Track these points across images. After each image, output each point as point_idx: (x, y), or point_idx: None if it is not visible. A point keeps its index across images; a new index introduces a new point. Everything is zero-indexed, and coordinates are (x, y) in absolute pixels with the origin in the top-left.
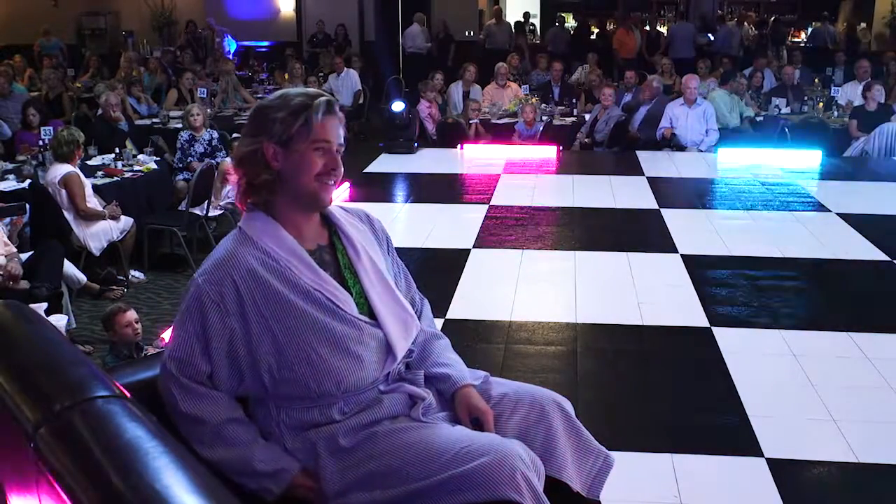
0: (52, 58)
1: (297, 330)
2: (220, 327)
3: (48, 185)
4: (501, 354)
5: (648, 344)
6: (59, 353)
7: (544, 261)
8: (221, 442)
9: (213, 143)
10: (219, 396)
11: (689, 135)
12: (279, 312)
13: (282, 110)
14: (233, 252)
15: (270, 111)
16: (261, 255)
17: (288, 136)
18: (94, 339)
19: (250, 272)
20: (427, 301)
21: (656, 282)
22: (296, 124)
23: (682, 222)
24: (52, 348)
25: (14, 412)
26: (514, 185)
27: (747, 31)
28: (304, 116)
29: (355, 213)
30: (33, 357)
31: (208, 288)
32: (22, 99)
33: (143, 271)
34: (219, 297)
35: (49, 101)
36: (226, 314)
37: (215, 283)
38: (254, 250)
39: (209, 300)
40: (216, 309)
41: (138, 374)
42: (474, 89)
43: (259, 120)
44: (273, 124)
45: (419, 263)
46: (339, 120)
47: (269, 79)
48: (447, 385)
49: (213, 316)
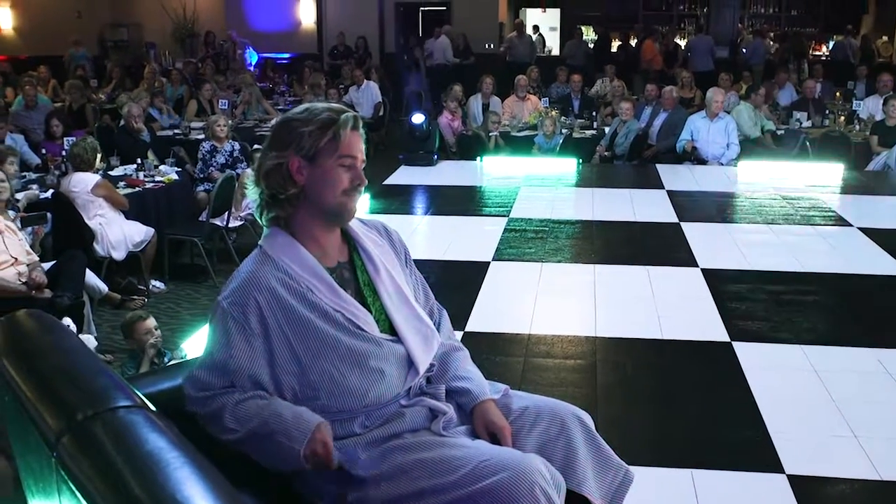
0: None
1: (319, 350)
2: (246, 347)
3: (69, 194)
4: (520, 367)
5: (668, 358)
6: (80, 363)
7: (563, 274)
8: (243, 419)
9: (234, 154)
10: (225, 391)
11: (710, 148)
12: (301, 333)
13: (309, 124)
14: (255, 273)
15: (297, 125)
16: (282, 276)
17: (315, 151)
18: (115, 348)
19: (272, 293)
20: (445, 312)
21: (676, 296)
22: (324, 139)
23: (703, 236)
24: (74, 358)
25: (36, 421)
26: (533, 197)
27: (768, 45)
28: (333, 131)
29: (373, 225)
30: (56, 366)
31: (232, 310)
32: (46, 110)
33: (164, 281)
34: (243, 318)
35: (72, 111)
36: (251, 335)
37: (239, 305)
38: (275, 271)
39: (234, 322)
40: (241, 330)
41: (160, 384)
42: (493, 101)
43: (285, 133)
44: (300, 138)
45: (438, 276)
46: (362, 135)
47: (289, 91)
48: (467, 399)
49: (236, 335)
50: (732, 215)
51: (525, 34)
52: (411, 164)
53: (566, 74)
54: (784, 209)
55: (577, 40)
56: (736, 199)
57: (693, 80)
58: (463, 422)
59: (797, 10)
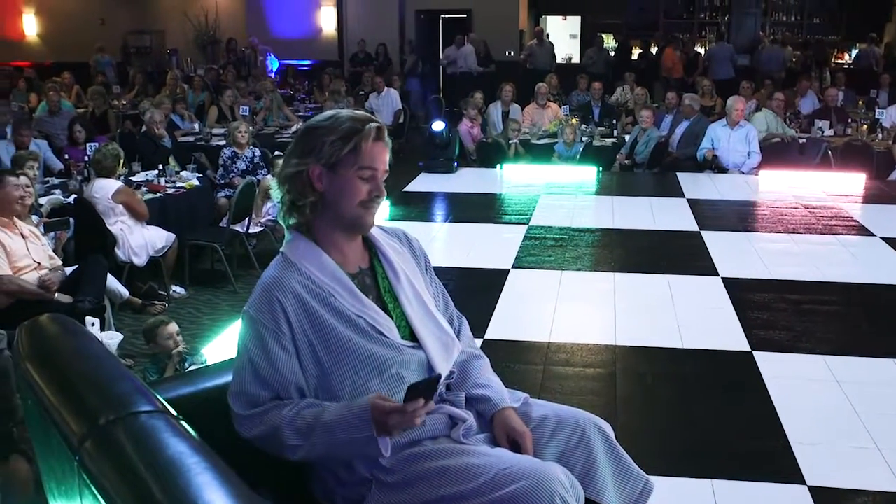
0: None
1: (341, 355)
2: (285, 357)
3: (92, 199)
4: (540, 375)
5: (688, 367)
6: (103, 368)
7: (583, 282)
8: (304, 432)
9: (255, 160)
10: (275, 405)
11: (731, 157)
12: (324, 338)
13: (332, 133)
14: (278, 278)
15: (320, 133)
16: (305, 281)
17: (335, 160)
18: (136, 352)
19: (296, 297)
20: (465, 319)
21: (696, 304)
22: (345, 149)
23: (723, 245)
24: (96, 362)
25: (59, 425)
26: (553, 205)
27: (790, 53)
28: (354, 142)
29: (394, 233)
30: (79, 371)
31: (261, 317)
32: (69, 115)
33: (184, 286)
34: (274, 323)
35: (95, 117)
36: (283, 338)
37: (267, 312)
38: (298, 276)
39: (264, 328)
40: (273, 336)
41: (181, 389)
42: (513, 108)
43: (307, 141)
44: (322, 147)
45: (458, 283)
46: (387, 145)
47: (310, 97)
48: (487, 407)
49: (271, 344)
50: (753, 224)
51: (545, 42)
52: (431, 171)
53: (587, 82)
54: (806, 218)
55: (597, 48)
56: (757, 208)
57: (714, 88)
58: (482, 429)
59: (819, 17)
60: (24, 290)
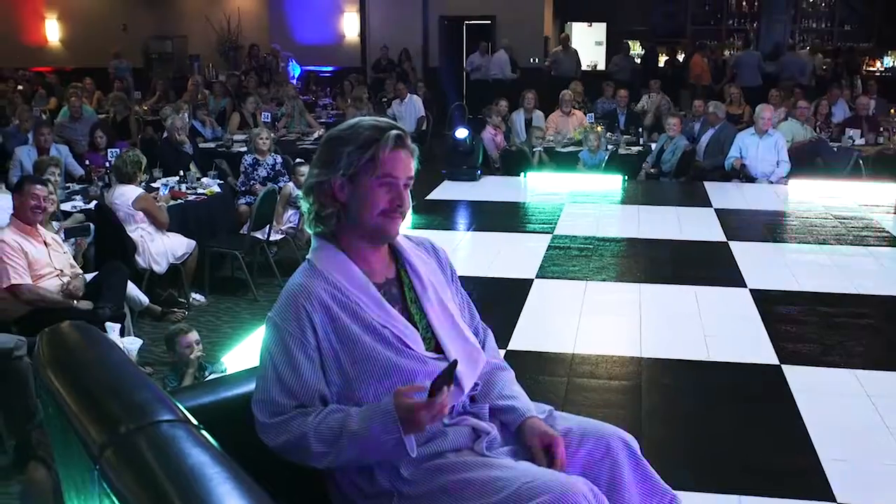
0: (122, 80)
1: (365, 366)
2: (310, 365)
3: (112, 206)
4: (564, 387)
5: (715, 381)
6: (124, 376)
7: (608, 292)
8: (329, 440)
9: (276, 167)
10: (299, 412)
11: (760, 166)
12: (349, 348)
13: (350, 143)
14: (304, 285)
15: (339, 143)
16: (331, 290)
17: (354, 171)
18: (155, 360)
19: (322, 305)
20: (490, 331)
21: (724, 316)
22: (363, 159)
23: (752, 256)
24: (117, 370)
25: (80, 433)
26: (578, 214)
27: (820, 60)
28: (372, 152)
29: (421, 242)
30: (99, 378)
31: (286, 325)
32: (90, 121)
33: (205, 294)
34: (299, 331)
35: (116, 123)
36: (308, 346)
37: (293, 319)
38: (324, 284)
39: (289, 336)
40: (298, 344)
41: (202, 398)
42: (536, 116)
43: (328, 151)
44: (341, 157)
45: (481, 292)
46: (411, 152)
47: (332, 104)
48: (512, 417)
49: (295, 350)
50: (782, 235)
51: (570, 49)
52: (454, 179)
53: (612, 89)
54: (836, 229)
55: (623, 55)
56: (786, 218)
57: (741, 95)
58: (506, 442)
59: (851, 24)
60: (44, 299)
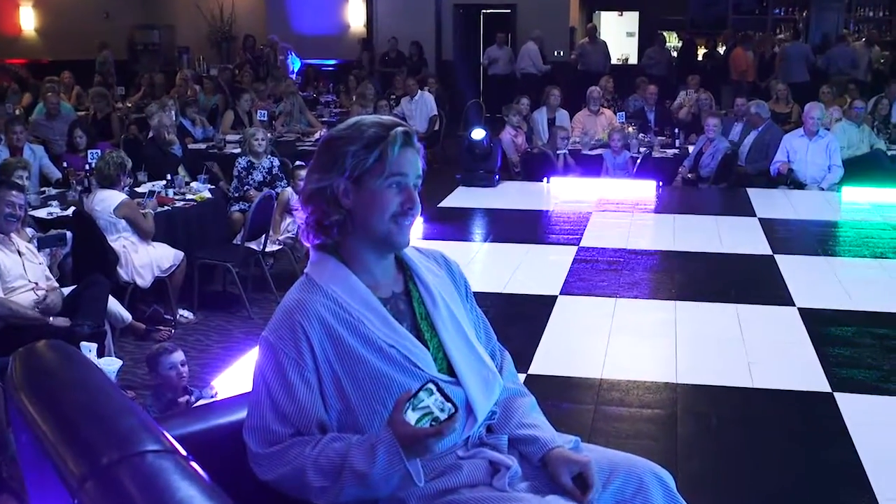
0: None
1: (371, 390)
2: (307, 390)
3: (92, 212)
4: (590, 416)
5: (759, 410)
6: (107, 401)
7: (641, 311)
8: (329, 472)
9: (273, 171)
10: (296, 441)
11: (809, 170)
12: (351, 369)
13: (354, 143)
14: (301, 301)
15: (341, 143)
16: (331, 305)
17: (360, 172)
18: (137, 383)
19: (322, 323)
20: (508, 353)
21: (769, 338)
22: (370, 159)
23: (800, 270)
24: (99, 395)
25: (56, 464)
26: (607, 224)
27: (877, 53)
28: (379, 150)
29: (431, 255)
30: (78, 403)
31: (281, 345)
32: (69, 119)
33: (193, 310)
34: (295, 352)
35: (96, 121)
36: (305, 369)
37: (288, 339)
38: (323, 299)
39: (285, 357)
40: (295, 366)
41: (191, 426)
42: (560, 115)
43: (329, 153)
44: (344, 158)
45: (498, 310)
46: (417, 151)
47: (335, 101)
48: (535, 448)
49: (291, 373)
50: (835, 247)
51: (599, 40)
52: (470, 184)
53: (645, 85)
54: (895, 241)
55: (658, 47)
56: (839, 229)
57: (789, 93)
58: (527, 476)
59: None
60: (17, 315)
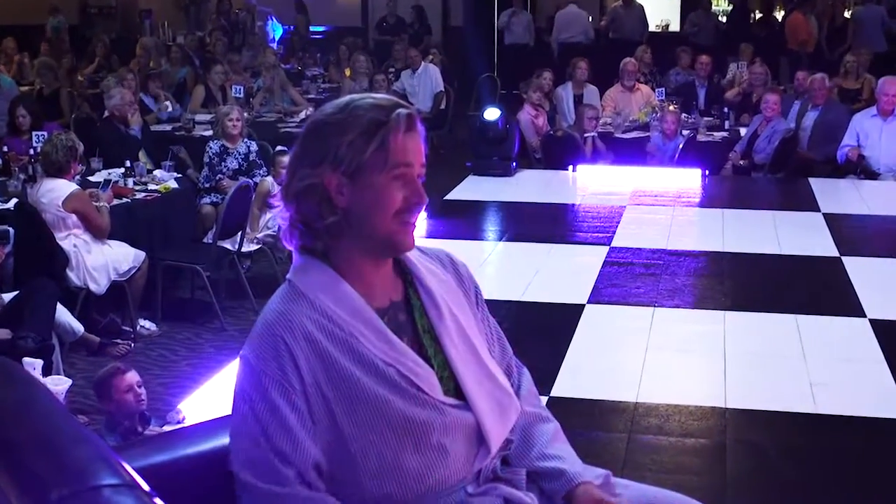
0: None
1: (365, 417)
2: (299, 422)
3: (38, 205)
4: (624, 447)
5: (824, 439)
6: (56, 427)
7: (683, 323)
8: None
9: (250, 157)
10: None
11: (884, 157)
12: (344, 394)
13: (348, 130)
14: (284, 313)
15: (333, 131)
16: (319, 318)
17: (358, 165)
18: (89, 406)
19: (308, 339)
20: (527, 371)
21: (835, 355)
22: (369, 149)
23: (873, 276)
24: (47, 420)
25: None
26: (643, 220)
27: None
28: (381, 138)
29: (435, 255)
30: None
31: (263, 365)
32: (10, 95)
33: (156, 321)
34: (279, 373)
35: (43, 98)
36: (291, 391)
37: (271, 358)
38: (309, 311)
39: (268, 380)
40: (280, 389)
41: (155, 457)
42: (588, 91)
43: (317, 142)
44: (337, 149)
45: (515, 322)
46: (420, 135)
47: (324, 75)
48: (558, 484)
49: (278, 398)
50: None
51: (634, 3)
52: (482, 173)
53: (689, 57)
54: None
55: (703, 12)
56: None
57: (859, 66)
58: None
59: None
60: None
